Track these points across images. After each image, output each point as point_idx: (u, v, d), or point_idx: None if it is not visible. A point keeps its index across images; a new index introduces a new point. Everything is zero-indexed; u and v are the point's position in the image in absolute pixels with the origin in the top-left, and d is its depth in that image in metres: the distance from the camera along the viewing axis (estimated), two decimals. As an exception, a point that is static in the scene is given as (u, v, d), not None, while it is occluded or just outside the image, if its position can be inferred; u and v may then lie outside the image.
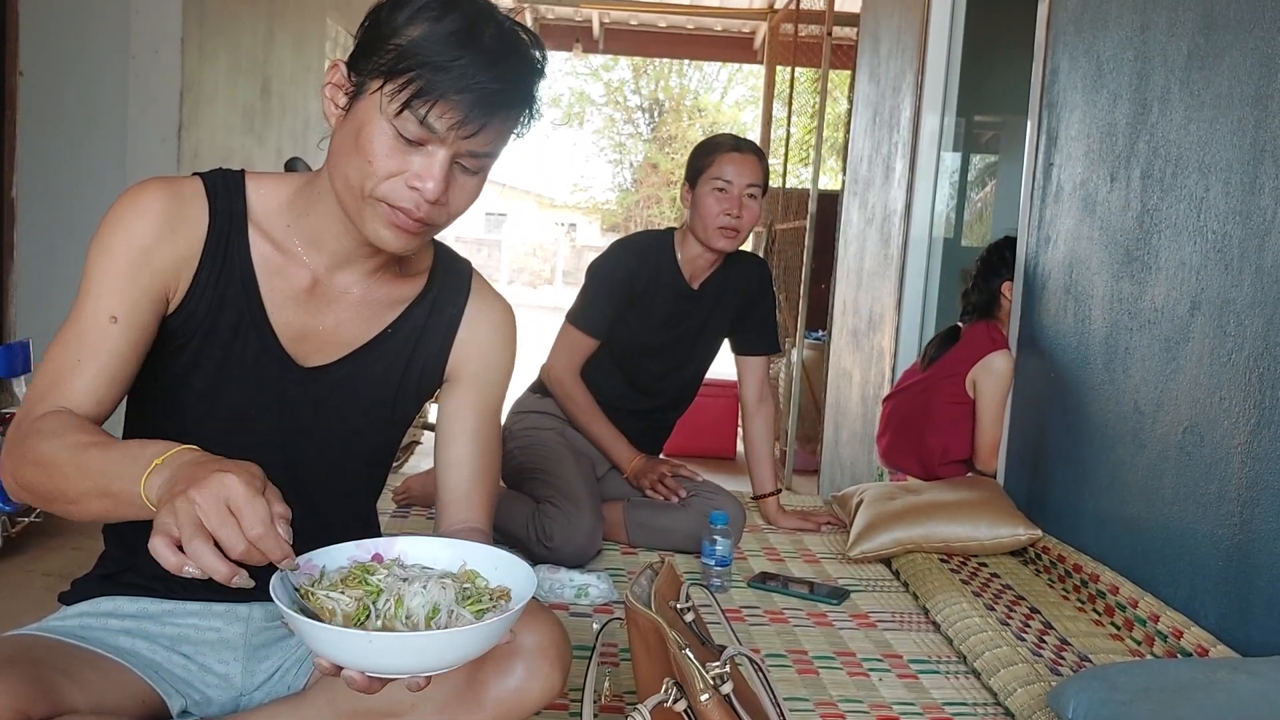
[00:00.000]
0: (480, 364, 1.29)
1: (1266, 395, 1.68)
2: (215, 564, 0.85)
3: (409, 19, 1.05)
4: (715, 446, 5.89)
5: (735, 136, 2.45)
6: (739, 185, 2.33)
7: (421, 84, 1.03)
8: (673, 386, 2.55)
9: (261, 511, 0.87)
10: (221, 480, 0.87)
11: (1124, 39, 2.24)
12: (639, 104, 22.23)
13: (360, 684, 0.92)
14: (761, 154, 2.42)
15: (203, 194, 1.15)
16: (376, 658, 0.90)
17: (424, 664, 0.92)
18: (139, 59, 3.71)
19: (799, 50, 6.38)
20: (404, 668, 0.91)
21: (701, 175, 2.36)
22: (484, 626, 0.92)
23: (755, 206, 2.37)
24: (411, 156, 1.06)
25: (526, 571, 1.04)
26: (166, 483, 0.90)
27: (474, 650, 0.94)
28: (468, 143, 1.06)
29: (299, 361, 1.20)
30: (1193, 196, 1.94)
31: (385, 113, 1.05)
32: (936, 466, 2.85)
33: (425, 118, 1.04)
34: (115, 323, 1.09)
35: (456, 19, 1.04)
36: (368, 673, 0.91)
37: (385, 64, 1.04)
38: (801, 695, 1.65)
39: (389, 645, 0.89)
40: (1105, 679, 1.45)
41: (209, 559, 0.85)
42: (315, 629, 0.89)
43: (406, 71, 1.03)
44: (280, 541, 0.88)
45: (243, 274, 1.16)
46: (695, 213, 2.38)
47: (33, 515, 3.24)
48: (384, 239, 1.11)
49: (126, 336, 1.09)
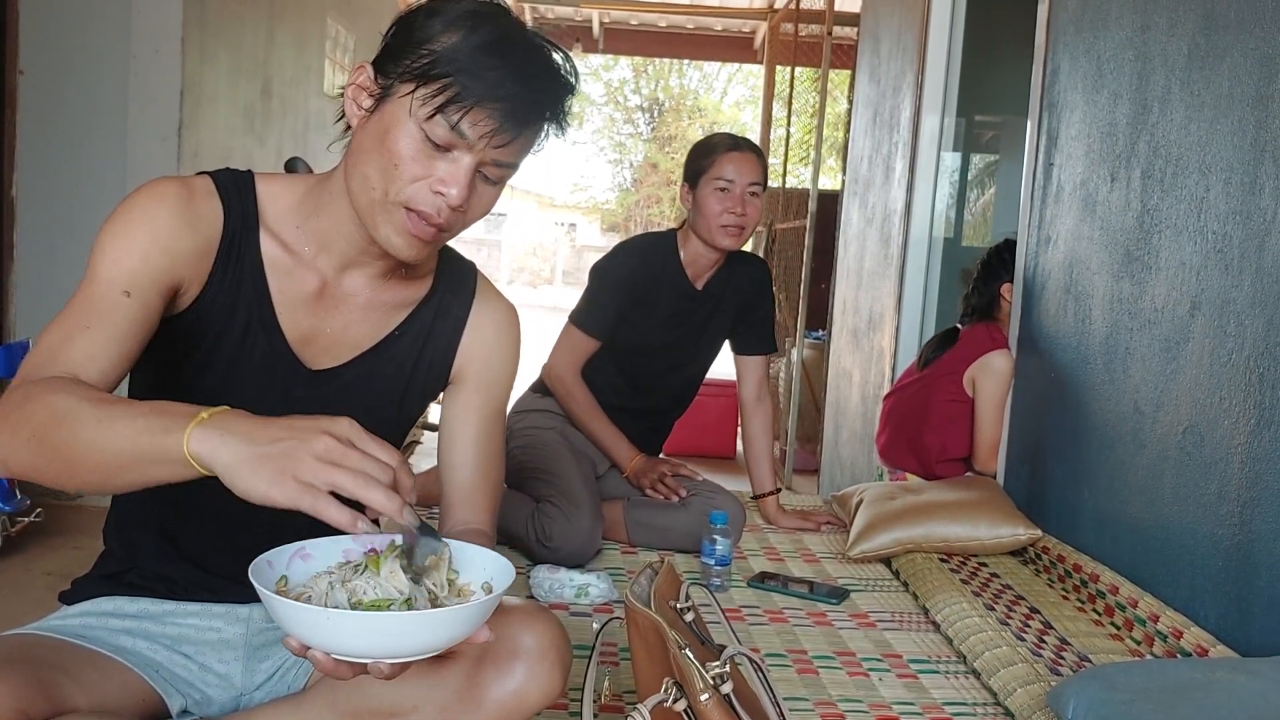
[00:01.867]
0: (485, 365, 1.30)
1: (1266, 395, 1.68)
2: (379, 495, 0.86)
3: (445, 27, 1.05)
4: (715, 446, 5.89)
5: (733, 135, 2.45)
6: (741, 184, 2.34)
7: (457, 89, 1.03)
8: (674, 386, 2.56)
9: (386, 444, 0.89)
10: (337, 422, 0.88)
11: (1124, 39, 2.24)
12: (639, 104, 22.23)
13: (326, 666, 0.91)
14: (760, 151, 2.43)
15: (215, 193, 1.15)
16: (331, 636, 0.88)
17: (383, 647, 0.90)
18: (139, 59, 3.71)
19: (799, 50, 6.38)
20: (362, 649, 0.90)
21: (702, 176, 2.36)
22: (446, 612, 0.91)
23: (757, 204, 2.37)
24: (437, 162, 1.06)
25: (506, 567, 1.03)
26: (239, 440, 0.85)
27: (437, 637, 0.92)
28: (496, 152, 1.07)
29: (307, 364, 1.20)
30: (1193, 196, 1.94)
31: (415, 116, 1.05)
32: (934, 464, 2.85)
33: (458, 124, 1.04)
34: (128, 296, 1.05)
35: (492, 30, 1.05)
36: (330, 653, 0.90)
37: (419, 68, 1.04)
38: (801, 695, 1.65)
39: (345, 624, 0.88)
40: (1105, 679, 1.45)
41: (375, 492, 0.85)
42: (277, 603, 0.89)
43: (442, 77, 1.03)
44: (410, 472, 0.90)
45: (253, 275, 1.16)
46: (697, 213, 2.38)
47: (33, 515, 3.24)
48: (395, 245, 1.11)
49: (136, 312, 1.06)
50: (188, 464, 0.87)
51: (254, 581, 0.90)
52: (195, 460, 0.86)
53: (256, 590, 0.90)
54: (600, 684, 1.43)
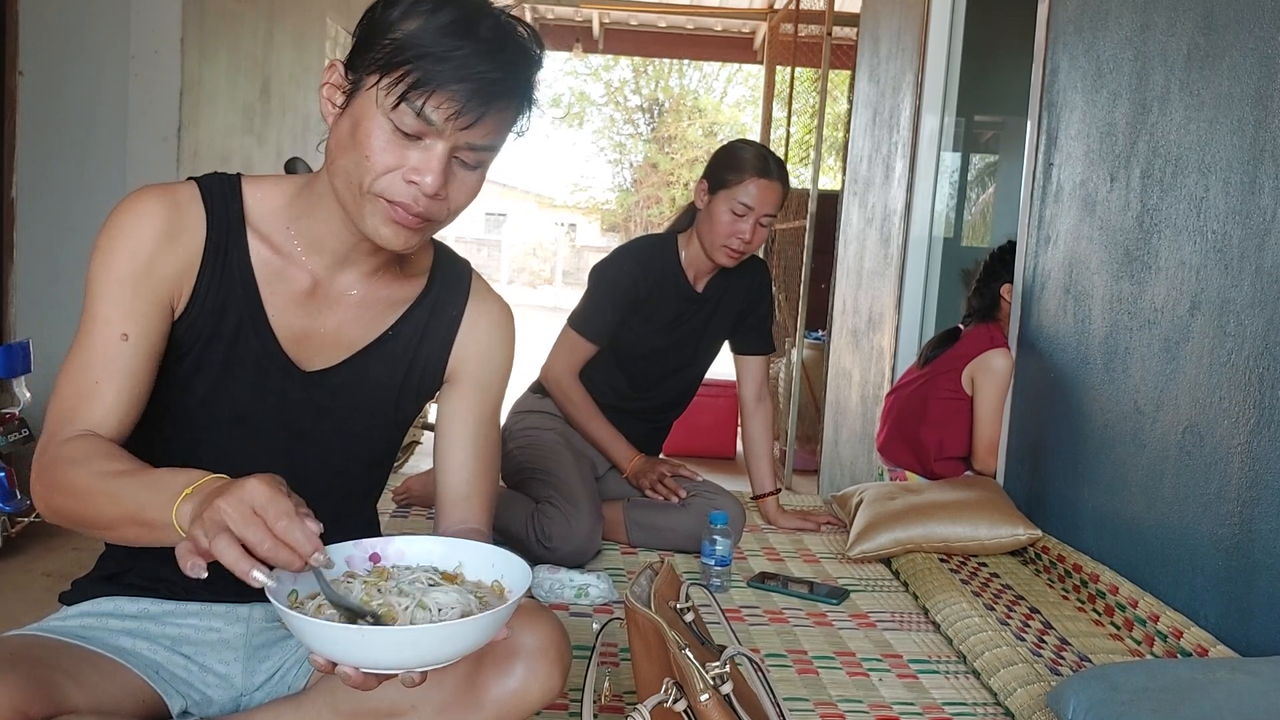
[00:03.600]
0: (480, 365, 1.29)
1: (1266, 395, 1.68)
2: (236, 559, 0.88)
3: (404, 13, 1.05)
4: (715, 446, 5.89)
5: (765, 155, 2.37)
6: (758, 212, 2.33)
7: (418, 75, 1.02)
8: (675, 387, 2.56)
9: (284, 505, 0.90)
10: (243, 485, 0.90)
11: (1124, 39, 2.24)
12: (639, 104, 22.23)
13: (355, 680, 0.92)
14: (786, 179, 2.38)
15: (199, 199, 1.15)
16: (368, 652, 0.89)
17: (416, 659, 0.91)
18: (139, 59, 3.71)
19: (799, 50, 6.38)
20: (396, 663, 0.91)
21: (724, 189, 2.34)
22: (475, 621, 0.92)
23: (764, 233, 2.37)
24: (409, 151, 1.06)
25: (522, 568, 1.04)
26: (196, 507, 0.92)
27: (466, 645, 0.93)
28: (465, 134, 1.06)
29: (300, 364, 1.20)
30: (1193, 196, 1.94)
31: (382, 107, 1.05)
32: (932, 462, 2.85)
33: (422, 109, 1.04)
34: (127, 340, 1.09)
35: (452, 12, 1.04)
36: (361, 668, 0.91)
37: (381, 58, 1.04)
38: (801, 695, 1.65)
39: (380, 640, 0.89)
40: (1105, 679, 1.45)
41: (231, 554, 0.88)
42: (309, 624, 0.89)
43: (403, 64, 1.03)
44: (309, 533, 0.90)
45: (242, 278, 1.16)
46: (708, 220, 2.37)
47: (33, 515, 3.24)
48: (384, 236, 1.10)
49: (139, 352, 1.10)
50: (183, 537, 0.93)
51: (274, 603, 0.91)
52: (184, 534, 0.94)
53: (280, 613, 0.91)
54: (600, 684, 1.43)
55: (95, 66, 3.70)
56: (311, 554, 0.90)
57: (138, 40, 3.70)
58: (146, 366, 1.11)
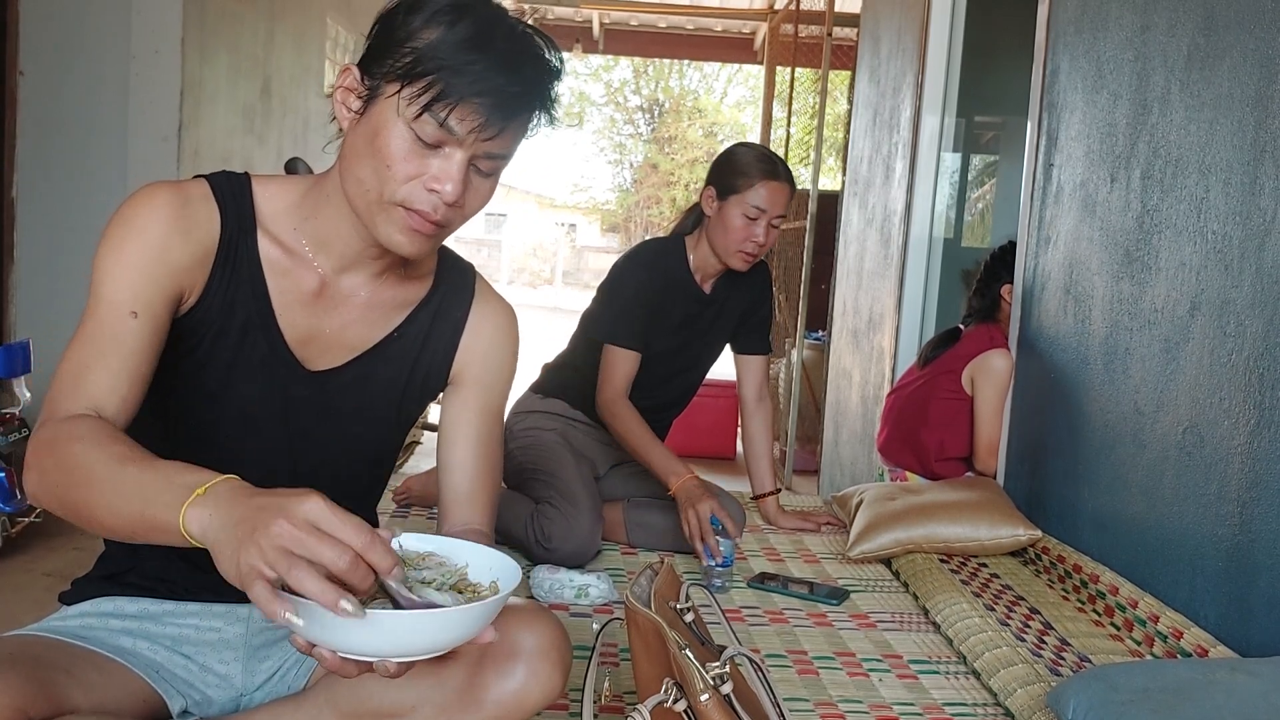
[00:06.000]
0: (483, 367, 1.30)
1: (1266, 395, 1.68)
2: (321, 589, 0.81)
3: (424, 23, 1.05)
4: (715, 446, 5.89)
5: (770, 157, 2.38)
6: (770, 214, 2.33)
7: (441, 87, 1.03)
8: (678, 387, 2.56)
9: (356, 522, 0.85)
10: (301, 503, 0.84)
11: (1124, 39, 2.24)
12: (639, 104, 22.25)
13: (332, 663, 0.90)
14: (793, 179, 2.39)
15: (211, 196, 1.15)
16: (338, 634, 0.88)
17: (390, 647, 0.90)
18: (139, 59, 3.71)
19: (799, 51, 6.39)
20: (368, 648, 0.89)
21: (734, 194, 2.34)
22: (453, 612, 0.91)
23: (776, 234, 2.38)
24: (429, 159, 1.06)
25: (513, 568, 1.03)
26: (220, 522, 0.87)
27: (444, 638, 0.92)
28: (486, 145, 1.07)
29: (306, 364, 1.20)
30: (1193, 197, 1.94)
31: (403, 116, 1.05)
32: (932, 462, 2.85)
33: (445, 120, 1.04)
34: (135, 317, 1.07)
35: (472, 23, 1.05)
36: (336, 651, 0.90)
37: (402, 67, 1.04)
38: (801, 695, 1.65)
39: (352, 622, 0.87)
40: (1105, 679, 1.45)
41: (313, 584, 0.81)
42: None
43: (425, 75, 1.03)
44: (388, 549, 0.86)
45: (252, 276, 1.16)
46: (719, 227, 2.37)
47: (33, 515, 3.24)
48: (398, 243, 1.11)
49: (145, 332, 1.08)
50: (186, 541, 0.90)
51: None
52: (191, 539, 0.89)
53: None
54: (600, 684, 1.43)
55: (96, 67, 3.70)
56: (391, 569, 0.86)
57: (138, 40, 3.71)
58: (151, 347, 1.09)
